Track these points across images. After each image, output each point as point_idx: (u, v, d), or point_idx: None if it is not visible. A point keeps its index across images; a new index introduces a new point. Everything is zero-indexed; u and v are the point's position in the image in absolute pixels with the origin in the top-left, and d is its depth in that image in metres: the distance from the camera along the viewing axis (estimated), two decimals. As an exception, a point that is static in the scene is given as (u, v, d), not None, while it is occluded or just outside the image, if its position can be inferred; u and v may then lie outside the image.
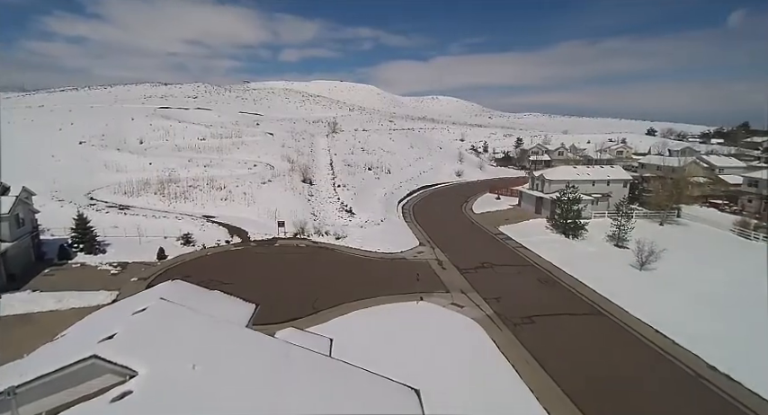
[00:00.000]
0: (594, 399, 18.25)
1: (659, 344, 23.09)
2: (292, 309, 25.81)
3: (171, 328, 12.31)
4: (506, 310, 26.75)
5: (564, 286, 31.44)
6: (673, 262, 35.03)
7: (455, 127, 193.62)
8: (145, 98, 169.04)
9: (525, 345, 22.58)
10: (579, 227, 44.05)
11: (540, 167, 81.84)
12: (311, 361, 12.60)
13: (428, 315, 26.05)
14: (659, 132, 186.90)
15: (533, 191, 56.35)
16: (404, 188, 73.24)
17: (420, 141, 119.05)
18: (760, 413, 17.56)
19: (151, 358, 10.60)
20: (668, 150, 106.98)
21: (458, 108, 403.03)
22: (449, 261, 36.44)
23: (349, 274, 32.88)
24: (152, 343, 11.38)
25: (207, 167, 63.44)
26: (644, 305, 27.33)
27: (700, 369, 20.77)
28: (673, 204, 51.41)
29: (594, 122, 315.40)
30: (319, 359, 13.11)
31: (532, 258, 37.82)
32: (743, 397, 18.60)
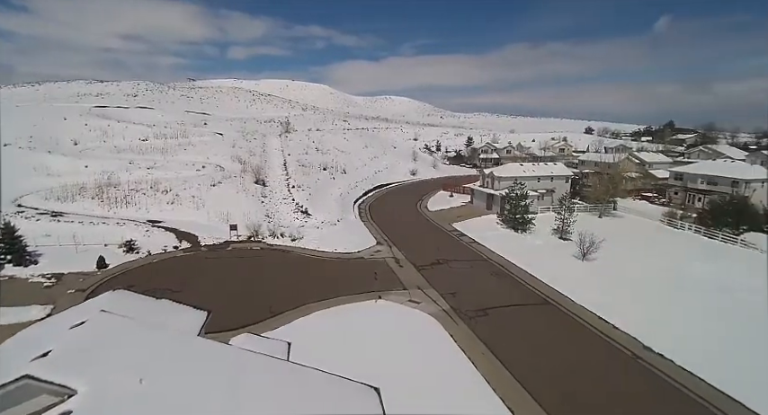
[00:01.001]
0: (544, 383, 19.24)
1: (601, 329, 24.75)
2: (248, 314, 25.05)
3: (113, 341, 11.55)
4: (462, 304, 27.54)
5: (515, 278, 32.87)
6: (611, 252, 37.62)
7: (408, 126, 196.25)
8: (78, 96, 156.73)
9: (480, 337, 23.35)
10: (527, 222, 46.22)
11: (490, 165, 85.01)
12: (267, 367, 12.32)
13: (386, 313, 26.26)
14: (596, 131, 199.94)
15: (484, 189, 58.37)
16: (360, 187, 73.25)
17: (374, 141, 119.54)
18: (688, 386, 19.30)
19: (92, 375, 9.90)
20: (604, 148, 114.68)
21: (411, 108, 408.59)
22: (406, 259, 36.92)
23: (306, 276, 32.41)
24: (92, 359, 10.62)
25: (150, 169, 59.96)
26: (586, 293, 29.15)
27: (637, 350, 22.47)
28: (609, 198, 55.28)
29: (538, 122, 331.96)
30: (276, 364, 12.84)
31: (485, 252, 39.18)
32: (674, 373, 20.36)
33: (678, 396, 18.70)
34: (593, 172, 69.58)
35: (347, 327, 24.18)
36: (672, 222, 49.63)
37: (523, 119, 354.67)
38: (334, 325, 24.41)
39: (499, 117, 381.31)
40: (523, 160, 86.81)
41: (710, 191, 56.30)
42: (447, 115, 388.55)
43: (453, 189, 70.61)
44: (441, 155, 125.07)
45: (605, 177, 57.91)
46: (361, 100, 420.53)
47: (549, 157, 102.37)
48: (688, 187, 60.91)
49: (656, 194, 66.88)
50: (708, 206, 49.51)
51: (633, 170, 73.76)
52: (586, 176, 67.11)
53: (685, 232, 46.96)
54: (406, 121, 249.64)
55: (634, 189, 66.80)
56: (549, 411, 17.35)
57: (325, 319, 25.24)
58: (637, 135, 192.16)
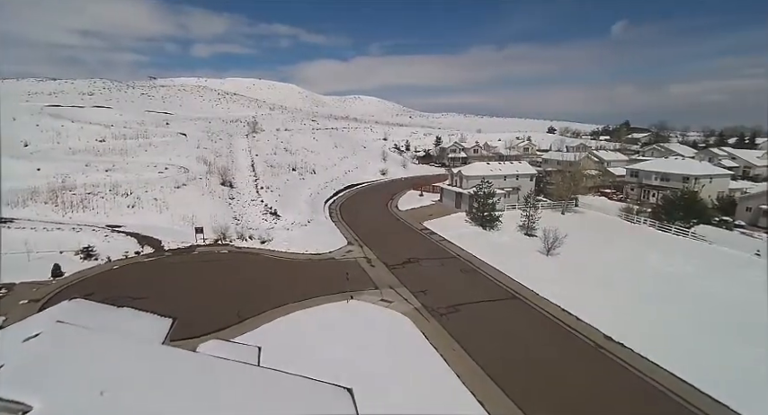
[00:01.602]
0: (512, 376, 19.86)
1: (565, 320, 25.77)
2: (216, 319, 24.44)
3: (71, 353, 11.04)
4: (433, 301, 27.97)
5: (483, 274, 33.67)
6: (573, 247, 39.18)
7: (378, 126, 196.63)
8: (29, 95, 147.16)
9: (451, 333, 23.80)
10: (494, 219, 47.42)
11: (458, 164, 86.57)
12: (237, 373, 12.12)
13: (358, 313, 26.31)
14: (558, 130, 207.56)
15: (453, 187, 59.38)
16: (330, 187, 72.84)
17: (344, 140, 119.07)
18: (646, 372, 20.39)
19: (49, 390, 9.44)
20: (566, 147, 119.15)
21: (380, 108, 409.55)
22: (377, 259, 37.07)
23: (276, 278, 31.97)
24: (49, 372, 10.12)
25: (109, 172, 57.28)
26: (551, 287, 30.24)
27: (598, 340, 23.54)
28: (571, 195, 57.50)
29: (504, 121, 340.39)
30: (246, 370, 12.65)
31: (455, 250, 39.90)
32: (633, 360, 21.46)
33: (636, 382, 19.74)
34: (555, 171, 72.12)
35: (319, 329, 24.06)
36: (629, 217, 52.23)
37: (489, 119, 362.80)
38: (306, 327, 24.24)
39: (466, 117, 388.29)
40: (490, 159, 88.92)
41: (663, 187, 59.58)
42: (416, 115, 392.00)
43: (423, 189, 71.40)
44: (410, 155, 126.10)
45: (567, 175, 60.19)
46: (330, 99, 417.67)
47: (514, 156, 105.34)
48: (643, 183, 64.20)
49: (614, 191, 70.17)
50: (661, 201, 52.38)
51: (593, 168, 77.08)
52: (549, 174, 69.45)
53: (641, 226, 49.54)
54: (376, 121, 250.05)
55: (594, 186, 69.85)
56: (517, 403, 17.93)
57: (297, 321, 25.01)
58: (596, 134, 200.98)
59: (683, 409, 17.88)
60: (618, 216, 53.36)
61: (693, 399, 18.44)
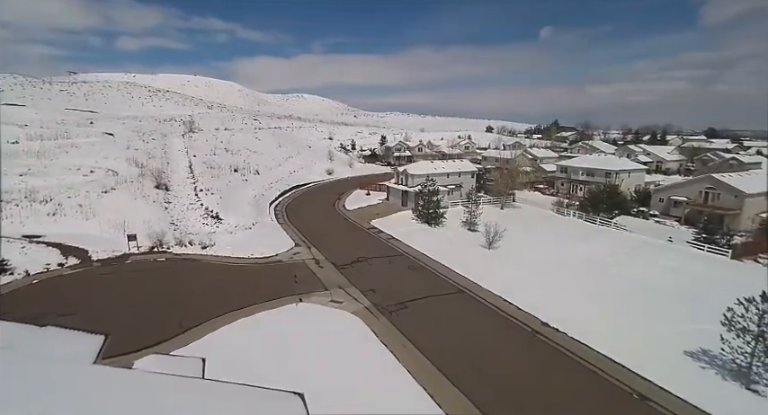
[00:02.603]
0: (460, 366, 20.72)
1: (506, 310, 27.31)
2: (154, 332, 23.02)
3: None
4: (382, 299, 28.38)
5: (430, 270, 34.70)
6: (513, 240, 41.49)
7: (323, 125, 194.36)
8: None
9: (401, 330, 24.31)
10: (439, 216, 48.97)
11: (404, 163, 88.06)
12: (178, 387, 11.63)
13: (308, 316, 26.07)
14: (496, 129, 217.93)
15: (399, 186, 60.40)
16: (275, 188, 71.05)
17: (288, 140, 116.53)
18: (578, 353, 22.17)
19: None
20: (503, 145, 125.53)
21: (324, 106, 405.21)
22: (325, 259, 36.87)
23: (220, 284, 30.73)
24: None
25: (24, 176, 51.74)
26: (494, 279, 31.88)
27: (536, 326, 25.22)
28: (509, 190, 60.79)
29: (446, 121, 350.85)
30: (188, 384, 12.17)
31: (402, 248, 40.70)
32: (568, 344, 23.22)
33: (571, 364, 21.43)
34: (494, 168, 75.76)
35: (267, 334, 23.53)
36: (560, 210, 56.25)
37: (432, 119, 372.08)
38: (254, 334, 23.60)
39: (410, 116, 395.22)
40: (434, 157, 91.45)
41: (589, 182, 64.73)
42: (361, 114, 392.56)
43: (370, 188, 71.86)
44: (356, 154, 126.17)
45: (505, 172, 63.52)
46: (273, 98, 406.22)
47: (456, 154, 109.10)
48: (571, 178, 69.33)
49: (546, 186, 75.12)
50: (587, 194, 56.96)
51: (527, 164, 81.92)
52: (489, 171, 72.84)
53: (571, 218, 53.57)
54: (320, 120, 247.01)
55: (529, 181, 74.35)
56: (464, 392, 18.76)
57: (243, 328, 24.26)
58: (529, 132, 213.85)
59: (612, 385, 19.70)
60: (550, 210, 57.24)
61: (620, 375, 20.35)
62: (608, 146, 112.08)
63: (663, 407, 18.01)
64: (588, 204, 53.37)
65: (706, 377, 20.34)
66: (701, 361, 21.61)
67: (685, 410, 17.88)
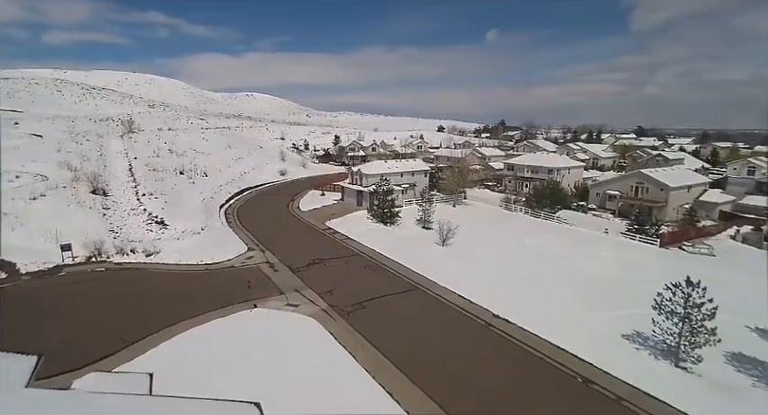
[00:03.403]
0: (417, 362, 21.16)
1: (459, 304, 28.21)
2: (95, 349, 21.50)
3: None
4: (339, 300, 28.33)
5: (386, 269, 35.06)
6: (465, 236, 42.87)
7: (274, 125, 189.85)
8: None
9: (359, 330, 24.40)
10: (394, 215, 49.56)
11: (358, 162, 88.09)
12: (121, 407, 11.01)
13: (264, 321, 25.49)
14: (446, 129, 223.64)
15: (354, 186, 60.38)
16: (225, 191, 68.48)
17: (238, 140, 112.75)
18: (529, 343, 23.36)
19: None
20: (453, 144, 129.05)
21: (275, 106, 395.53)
22: (280, 262, 36.17)
23: (168, 294, 29.23)
24: None
25: (-69, 184, 46.19)
26: (447, 275, 32.79)
27: (488, 319, 26.27)
28: (460, 188, 62.68)
29: (398, 120, 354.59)
30: (134, 402, 11.55)
31: (358, 248, 40.78)
32: (517, 334, 24.42)
33: (520, 352, 22.56)
34: (446, 167, 77.72)
35: (221, 343, 22.75)
36: (507, 206, 58.86)
37: (385, 118, 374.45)
38: (206, 343, 22.72)
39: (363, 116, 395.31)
40: (387, 157, 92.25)
41: (533, 179, 68.12)
42: (313, 114, 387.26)
43: (324, 188, 71.24)
44: (310, 154, 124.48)
45: (456, 170, 65.41)
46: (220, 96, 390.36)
47: (409, 154, 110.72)
48: (518, 176, 72.66)
49: (495, 183, 78.20)
50: (532, 191, 59.95)
51: (476, 163, 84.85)
52: (441, 170, 74.63)
53: (518, 213, 56.22)
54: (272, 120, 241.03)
55: (478, 179, 77.10)
56: (421, 387, 19.20)
57: (195, 338, 23.28)
58: (478, 132, 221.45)
59: (558, 370, 20.97)
60: (499, 207, 59.73)
61: (564, 360, 21.72)
62: (550, 145, 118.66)
63: (604, 388, 19.45)
64: (533, 200, 56.24)
65: (640, 358, 22.20)
66: (635, 343, 23.55)
67: (623, 388, 19.41)
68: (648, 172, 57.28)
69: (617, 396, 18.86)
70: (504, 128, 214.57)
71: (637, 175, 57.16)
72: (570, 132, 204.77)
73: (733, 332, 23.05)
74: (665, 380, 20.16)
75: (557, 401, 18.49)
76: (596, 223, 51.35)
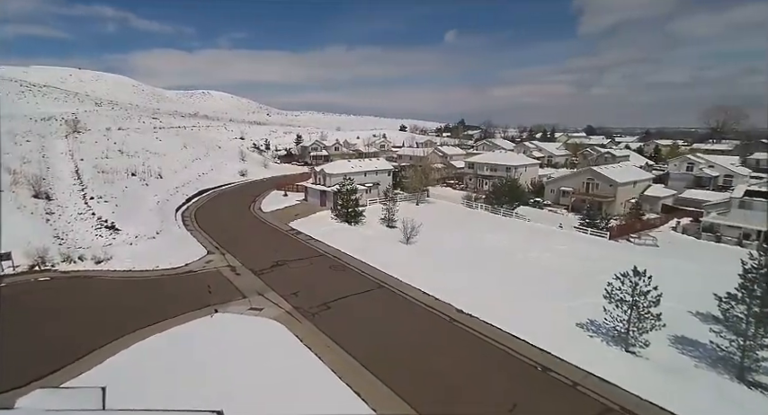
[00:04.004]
0: (383, 360, 21.33)
1: (424, 301, 28.66)
2: (40, 363, 20.17)
3: None
4: (304, 302, 28.02)
5: (352, 269, 35.03)
6: (429, 234, 43.53)
7: (233, 124, 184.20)
8: None
9: (325, 331, 24.25)
10: (358, 215, 49.55)
11: (321, 162, 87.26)
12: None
13: (226, 326, 24.78)
14: (408, 128, 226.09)
15: (317, 186, 59.79)
16: (181, 193, 65.77)
17: (195, 140, 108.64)
18: (492, 336, 24.09)
19: None
20: (416, 143, 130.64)
21: (234, 104, 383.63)
22: (242, 265, 35.27)
23: (121, 302, 27.79)
24: None
25: None
26: (412, 273, 33.18)
27: (452, 314, 26.86)
28: (423, 187, 63.59)
29: (361, 120, 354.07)
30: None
31: (323, 248, 40.47)
32: (480, 327, 25.12)
33: (483, 345, 23.24)
34: (408, 165, 78.55)
35: (180, 351, 21.92)
36: (469, 203, 60.36)
37: (347, 117, 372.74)
38: (163, 352, 21.82)
39: (325, 115, 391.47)
40: (351, 156, 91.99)
41: (493, 176, 70.18)
42: (274, 113, 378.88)
43: (287, 188, 70.08)
44: (271, 154, 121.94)
45: (419, 169, 66.27)
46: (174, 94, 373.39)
47: (372, 153, 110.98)
48: (478, 174, 74.60)
49: (456, 181, 79.93)
50: (492, 188, 61.79)
51: (438, 162, 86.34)
52: (404, 169, 75.34)
53: (478, 210, 57.79)
54: (230, 119, 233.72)
55: (441, 178, 78.49)
56: (388, 385, 19.38)
57: (151, 348, 22.29)
58: (439, 131, 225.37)
59: (518, 360, 21.79)
60: (461, 204, 61.12)
61: (524, 350, 22.59)
62: (508, 144, 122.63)
63: (561, 375, 20.42)
64: (493, 197, 57.98)
65: (594, 345, 23.47)
66: (589, 331, 24.86)
67: (578, 374, 20.46)
68: (598, 169, 60.49)
69: (573, 382, 19.86)
70: (465, 128, 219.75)
71: (587, 172, 60.22)
72: (526, 131, 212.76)
73: (676, 317, 24.77)
74: (616, 364, 21.42)
75: (517, 389, 19.23)
76: (552, 218, 53.64)
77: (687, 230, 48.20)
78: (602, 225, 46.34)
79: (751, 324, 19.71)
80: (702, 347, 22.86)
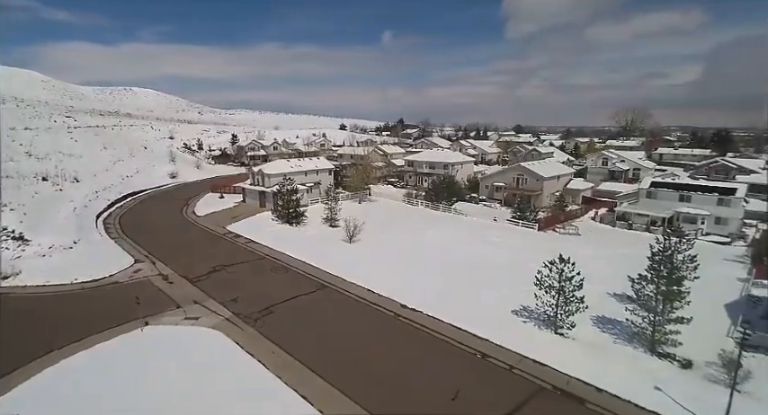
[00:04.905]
0: (331, 361, 21.27)
1: (369, 299, 28.94)
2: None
3: None
4: (245, 308, 27.08)
5: (294, 270, 34.40)
6: (371, 232, 43.87)
7: (161, 123, 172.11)
8: None
9: (268, 336, 23.63)
10: (300, 215, 48.70)
11: (259, 162, 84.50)
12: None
13: (158, 340, 23.24)
14: (348, 127, 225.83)
15: (255, 187, 57.83)
16: (102, 198, 60.31)
17: (117, 140, 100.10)
18: (435, 328, 24.89)
19: None
20: (356, 142, 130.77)
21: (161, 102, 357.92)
22: (175, 273, 33.26)
23: (35, 320, 25.05)
24: None
25: None
26: (356, 271, 33.31)
27: (396, 310, 27.38)
28: (365, 185, 63.92)
29: (300, 119, 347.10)
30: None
31: (263, 251, 39.29)
32: (423, 321, 25.88)
33: (426, 337, 23.98)
34: (350, 164, 78.46)
35: (106, 369, 20.25)
36: (410, 201, 61.73)
37: (285, 116, 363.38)
38: (87, 373, 20.04)
39: (262, 114, 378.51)
40: (290, 156, 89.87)
41: (432, 174, 72.18)
42: (206, 111, 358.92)
43: (223, 190, 67.02)
44: (204, 155, 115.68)
45: (360, 168, 66.48)
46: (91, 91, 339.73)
47: (312, 152, 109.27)
48: (417, 171, 76.36)
49: (397, 179, 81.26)
50: (431, 185, 63.63)
51: (379, 160, 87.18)
52: (345, 168, 75.16)
53: (419, 207, 59.30)
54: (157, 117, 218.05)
55: (382, 176, 79.36)
56: (336, 386, 19.34)
57: (70, 369, 20.35)
58: (379, 130, 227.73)
59: (460, 349, 22.78)
60: (402, 201, 62.32)
61: (465, 339, 23.65)
62: (445, 142, 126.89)
63: (499, 360, 21.67)
64: (432, 193, 59.78)
65: (527, 329, 25.13)
66: (522, 317, 26.58)
67: (514, 358, 21.82)
68: (526, 164, 64.54)
69: (509, 366, 21.18)
70: (403, 127, 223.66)
71: (517, 168, 64.02)
72: (461, 130, 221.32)
73: (596, 299, 27.22)
74: (547, 346, 23.12)
75: (460, 376, 20.12)
76: (487, 212, 56.39)
77: (604, 219, 53.02)
78: (532, 217, 49.59)
79: (659, 301, 22.23)
80: (620, 324, 25.35)
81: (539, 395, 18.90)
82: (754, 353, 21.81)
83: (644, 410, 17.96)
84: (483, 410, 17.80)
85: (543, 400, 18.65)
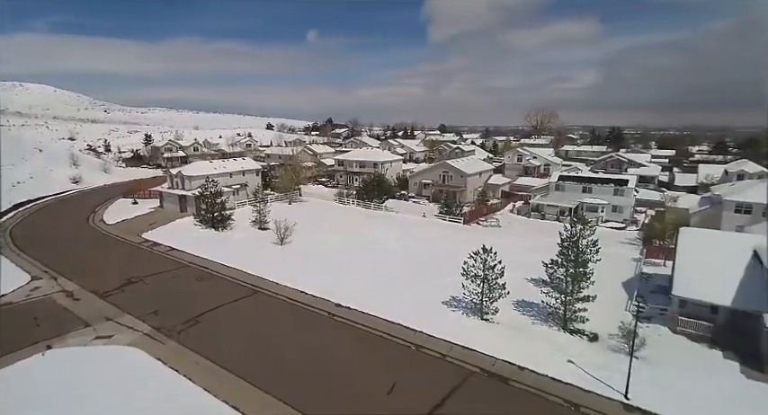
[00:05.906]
0: (263, 369, 20.63)
1: (302, 301, 28.47)
2: None
3: None
4: (167, 320, 25.25)
5: (222, 277, 32.73)
6: (303, 233, 43.12)
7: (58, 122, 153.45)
8: None
9: (194, 349, 22.27)
10: (226, 219, 46.36)
11: (178, 164, 78.95)
12: None
13: (64, 364, 20.84)
14: (276, 127, 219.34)
15: (174, 190, 53.99)
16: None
17: (5, 142, 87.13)
18: (369, 324, 25.15)
19: None
20: (284, 142, 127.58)
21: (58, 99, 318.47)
22: (82, 289, 30.00)
23: None
24: None
25: None
26: (288, 274, 32.56)
27: (330, 309, 27.26)
28: (295, 186, 62.63)
29: (222, 118, 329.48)
30: None
31: (186, 258, 36.87)
32: (358, 318, 26.06)
33: (362, 334, 24.19)
34: (278, 165, 76.35)
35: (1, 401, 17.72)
36: (341, 200, 61.70)
37: (206, 115, 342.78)
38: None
39: (180, 112, 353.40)
40: (213, 157, 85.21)
41: (362, 172, 72.78)
42: (114, 109, 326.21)
43: (137, 195, 61.58)
44: (113, 157, 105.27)
45: (289, 168, 64.95)
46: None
47: (237, 153, 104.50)
48: (348, 170, 76.52)
49: (328, 179, 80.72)
50: (361, 184, 64.18)
51: (309, 160, 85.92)
52: (273, 168, 72.98)
53: (351, 206, 59.51)
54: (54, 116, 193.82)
55: (312, 176, 78.26)
56: (268, 391, 18.79)
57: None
58: (308, 129, 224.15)
59: (395, 342, 23.31)
60: (334, 201, 62.05)
61: (399, 333, 24.25)
62: (374, 141, 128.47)
63: (432, 350, 22.52)
64: (363, 192, 60.30)
65: (456, 318, 26.41)
66: (452, 306, 27.89)
67: (446, 347, 22.83)
68: (451, 162, 67.63)
69: (442, 354, 22.13)
70: (332, 126, 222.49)
71: (443, 165, 66.85)
72: (390, 129, 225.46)
73: (516, 285, 29.36)
74: (475, 332, 24.51)
75: (395, 368, 20.63)
76: (416, 209, 58.15)
77: (521, 211, 57.38)
78: (457, 212, 52.13)
79: (569, 283, 24.60)
80: (537, 306, 27.61)
81: (469, 379, 20.02)
82: (648, 323, 25.04)
83: (559, 382, 19.81)
84: (419, 399, 18.42)
85: (473, 383, 19.78)
